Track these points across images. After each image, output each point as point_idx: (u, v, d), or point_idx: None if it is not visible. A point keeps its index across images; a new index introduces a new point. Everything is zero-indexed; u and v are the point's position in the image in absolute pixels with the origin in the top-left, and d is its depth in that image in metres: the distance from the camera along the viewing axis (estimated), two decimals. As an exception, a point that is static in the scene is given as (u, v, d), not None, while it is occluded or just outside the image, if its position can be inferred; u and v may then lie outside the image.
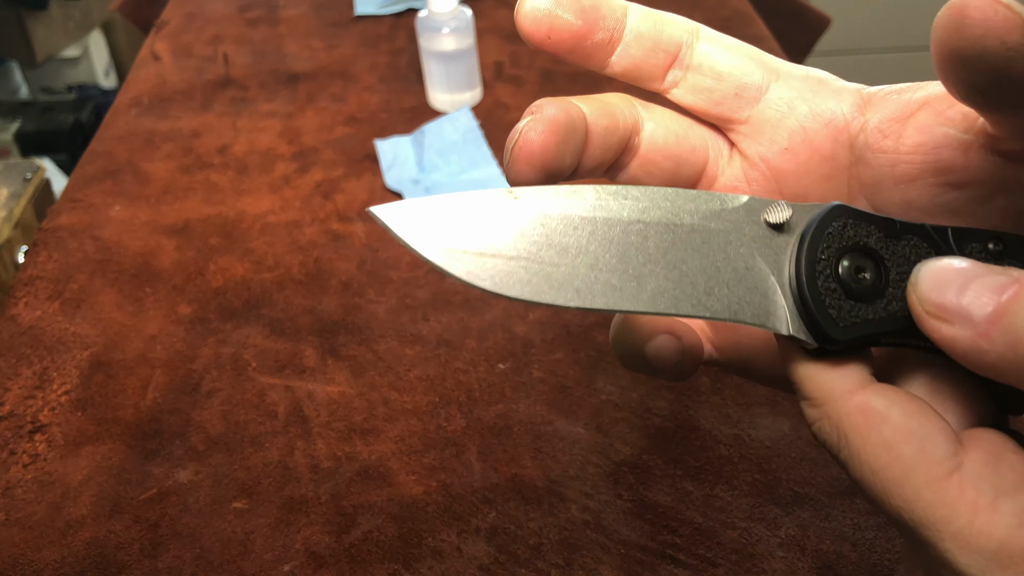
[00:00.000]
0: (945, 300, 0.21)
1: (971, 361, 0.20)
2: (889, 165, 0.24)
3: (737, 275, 0.23)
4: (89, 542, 0.46)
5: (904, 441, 0.21)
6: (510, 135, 0.25)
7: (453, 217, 0.23)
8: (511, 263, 0.23)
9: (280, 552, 0.46)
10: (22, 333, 0.60)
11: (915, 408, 0.22)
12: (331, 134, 0.80)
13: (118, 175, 0.75)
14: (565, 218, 0.23)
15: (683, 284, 0.23)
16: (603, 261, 0.23)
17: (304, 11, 1.02)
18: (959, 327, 0.20)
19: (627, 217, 0.23)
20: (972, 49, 0.19)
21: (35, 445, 0.52)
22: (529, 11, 0.25)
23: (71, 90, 2.14)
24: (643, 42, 0.25)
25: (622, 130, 0.26)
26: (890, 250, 0.23)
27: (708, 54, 0.26)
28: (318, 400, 0.54)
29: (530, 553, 0.45)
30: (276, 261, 0.65)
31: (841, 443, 0.23)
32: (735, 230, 0.24)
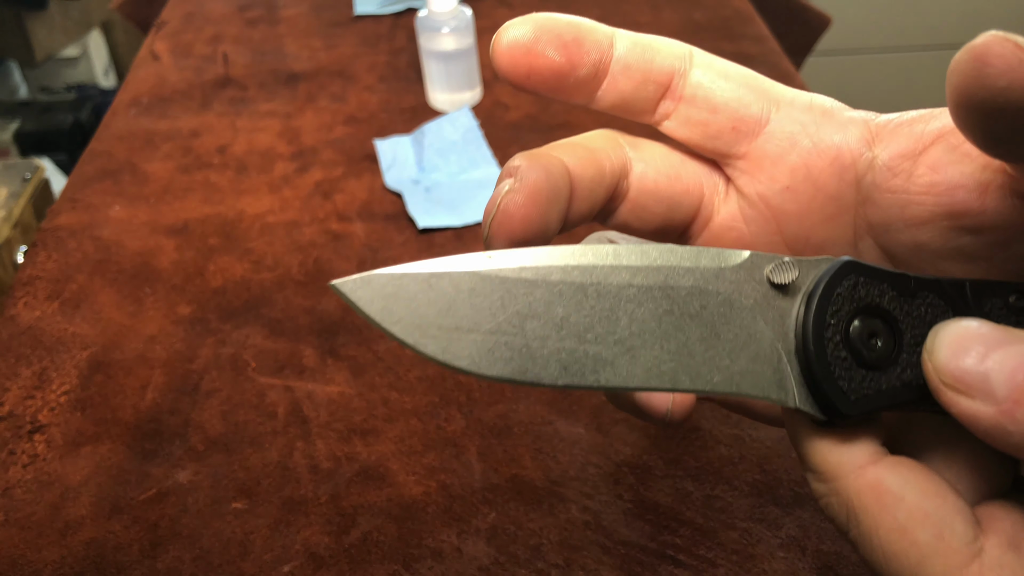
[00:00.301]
0: (964, 371, 0.19)
1: (993, 440, 0.19)
2: (899, 206, 0.22)
3: (739, 343, 0.21)
4: (88, 543, 0.46)
5: (920, 525, 0.20)
6: (489, 202, 0.22)
7: (424, 288, 0.20)
8: (491, 339, 0.20)
9: (280, 553, 0.46)
10: (21, 333, 0.60)
11: (931, 488, 0.20)
12: (331, 134, 0.79)
13: (117, 175, 0.75)
14: (550, 285, 0.21)
15: (681, 355, 0.21)
16: (592, 332, 0.21)
17: (304, 11, 1.02)
18: (980, 402, 0.18)
19: (618, 281, 0.21)
20: (994, 101, 0.17)
21: (34, 445, 0.52)
22: (506, 49, 0.23)
23: (70, 90, 2.13)
24: (632, 75, 0.23)
25: (609, 178, 0.24)
26: (904, 310, 0.21)
27: (702, 84, 0.23)
28: (318, 400, 0.54)
29: (530, 554, 0.45)
30: (275, 261, 0.65)
31: (851, 523, 0.21)
32: (736, 291, 0.21)
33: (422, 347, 0.20)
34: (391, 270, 0.20)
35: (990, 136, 0.18)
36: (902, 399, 0.21)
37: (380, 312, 0.20)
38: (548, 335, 0.20)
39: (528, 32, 0.22)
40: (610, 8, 1.00)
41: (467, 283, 0.20)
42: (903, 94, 1.85)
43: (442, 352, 0.20)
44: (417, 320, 0.20)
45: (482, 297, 0.20)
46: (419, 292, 0.20)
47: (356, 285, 0.20)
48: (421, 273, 0.20)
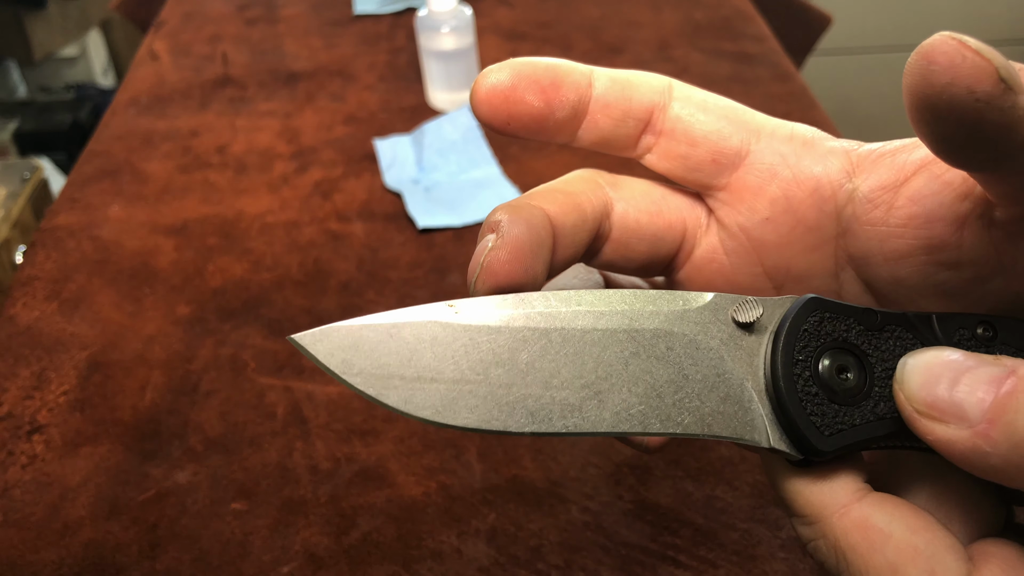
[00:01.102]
0: (936, 397, 0.19)
1: (971, 464, 0.18)
2: (878, 239, 0.22)
3: (708, 384, 0.21)
4: (87, 543, 0.46)
5: (911, 562, 0.19)
6: (473, 259, 0.22)
7: (385, 339, 0.20)
8: (455, 387, 0.20)
9: (279, 553, 0.45)
10: (20, 333, 0.60)
11: (919, 523, 0.20)
12: (330, 133, 0.79)
13: (116, 175, 0.75)
14: (514, 332, 0.20)
15: (649, 398, 0.21)
16: (559, 378, 0.20)
17: (303, 10, 1.02)
18: (955, 427, 0.18)
19: (582, 325, 0.21)
20: (939, 98, 0.17)
21: (33, 446, 0.52)
22: (485, 96, 0.23)
23: (69, 89, 2.13)
24: (611, 112, 0.23)
25: (591, 222, 0.24)
26: (872, 344, 0.21)
27: (681, 117, 0.23)
28: (317, 401, 0.54)
29: (530, 555, 0.45)
30: (275, 261, 0.65)
31: (840, 565, 0.20)
32: (701, 332, 0.21)
33: (384, 398, 0.20)
34: (351, 322, 0.20)
35: (942, 139, 0.18)
36: (877, 433, 0.21)
37: (340, 365, 0.20)
38: (513, 382, 0.20)
39: (506, 78, 0.23)
40: (610, 8, 1.00)
41: (429, 332, 0.20)
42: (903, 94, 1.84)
43: (404, 403, 0.20)
44: (378, 371, 0.20)
45: (444, 345, 0.20)
46: (380, 343, 0.20)
47: (315, 338, 0.20)
48: (382, 324, 0.20)
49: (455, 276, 0.63)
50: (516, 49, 0.92)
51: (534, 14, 0.99)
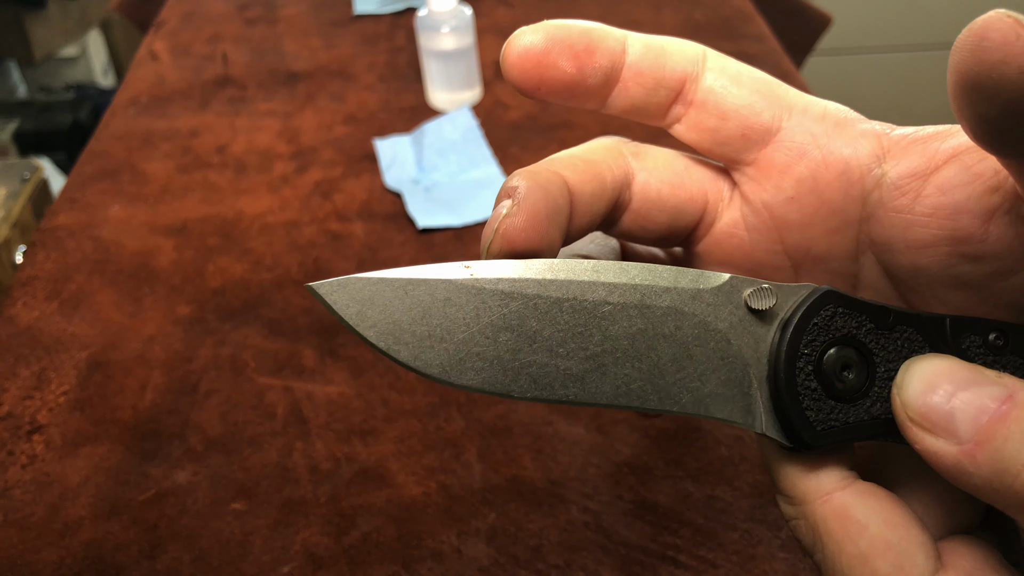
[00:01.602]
0: (931, 408, 0.19)
1: (954, 478, 0.19)
2: (902, 227, 0.22)
3: (711, 365, 0.21)
4: (87, 543, 0.46)
5: (881, 555, 0.20)
6: (488, 225, 0.22)
7: (400, 295, 0.20)
8: (463, 348, 0.20)
9: (279, 553, 0.45)
10: (20, 333, 0.60)
11: (896, 519, 0.20)
12: (330, 133, 0.79)
13: (116, 175, 0.75)
14: (526, 298, 0.21)
15: (651, 375, 0.21)
16: (565, 347, 0.21)
17: (303, 10, 1.02)
18: (944, 441, 0.18)
19: (594, 298, 0.21)
20: (988, 77, 0.17)
21: (33, 446, 0.52)
22: (517, 59, 0.22)
23: (69, 89, 2.13)
24: (643, 81, 0.23)
25: (611, 191, 0.23)
26: (880, 344, 0.21)
27: (713, 89, 0.23)
28: (317, 401, 0.54)
29: (530, 554, 0.45)
30: (275, 261, 0.65)
31: (816, 546, 0.21)
32: (712, 314, 0.21)
33: (394, 353, 0.20)
34: (368, 275, 0.20)
35: (984, 122, 0.18)
36: (869, 432, 0.21)
37: (355, 316, 0.20)
38: (520, 347, 0.20)
39: (539, 41, 0.22)
40: (610, 7, 1.00)
41: (443, 292, 0.20)
42: (903, 94, 1.85)
43: (414, 359, 0.20)
44: (391, 326, 0.20)
45: (457, 307, 0.20)
46: (395, 298, 0.20)
47: (332, 288, 0.20)
48: (398, 279, 0.20)
49: (455, 276, 0.63)
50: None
51: (534, 14, 0.99)
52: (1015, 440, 0.17)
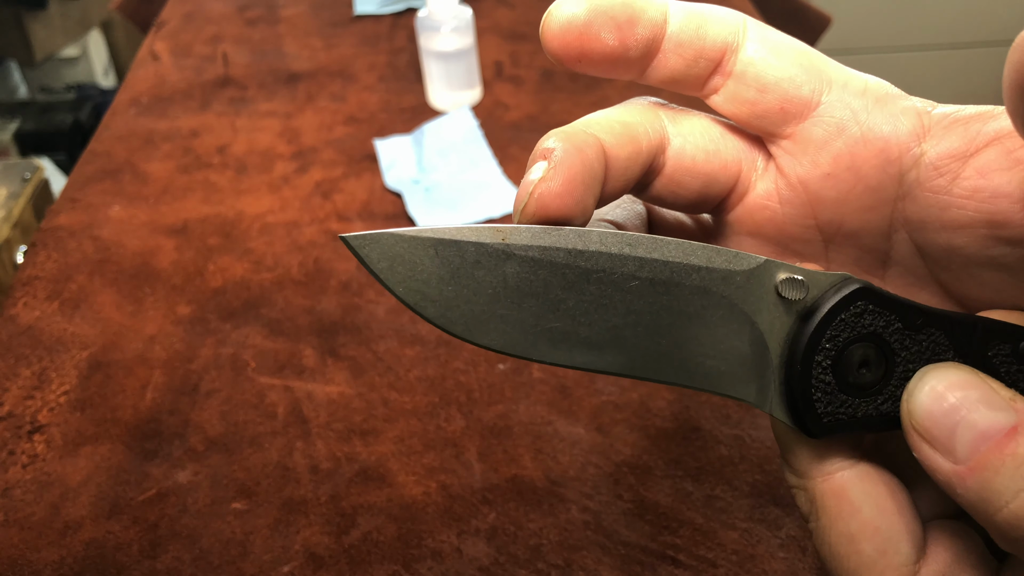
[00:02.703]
0: (935, 423, 0.19)
1: (943, 488, 0.19)
2: (939, 207, 0.21)
3: (731, 346, 0.21)
4: (88, 543, 0.46)
5: (868, 538, 0.21)
6: (522, 187, 0.21)
7: (431, 254, 0.21)
8: (488, 310, 0.21)
9: (279, 553, 0.45)
10: (21, 333, 0.60)
11: (889, 505, 0.21)
12: (330, 134, 0.79)
13: (117, 175, 0.75)
14: (555, 267, 0.21)
15: (670, 350, 0.21)
16: (587, 317, 0.21)
17: (303, 10, 1.02)
18: (941, 458, 0.19)
19: (623, 271, 0.21)
20: None
21: (34, 445, 0.52)
22: (559, 31, 0.22)
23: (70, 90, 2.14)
24: (684, 52, 0.22)
25: (645, 155, 0.23)
26: (905, 344, 0.21)
27: (753, 61, 0.22)
28: (317, 400, 0.54)
29: (530, 554, 0.45)
30: (275, 261, 0.65)
31: (812, 516, 0.22)
32: (741, 296, 0.21)
33: (421, 309, 0.21)
34: (401, 231, 0.21)
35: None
36: (876, 426, 0.21)
37: (386, 271, 0.21)
38: (543, 314, 0.21)
39: (581, 13, 0.22)
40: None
41: (473, 255, 0.21)
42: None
43: (440, 317, 0.21)
44: (420, 284, 0.21)
45: (486, 270, 0.21)
46: (425, 257, 0.20)
47: (366, 241, 0.21)
48: (430, 239, 0.20)
49: (455, 276, 0.63)
50: (516, 50, 0.92)
51: (534, 14, 0.99)
52: (1006, 474, 0.17)
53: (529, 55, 0.90)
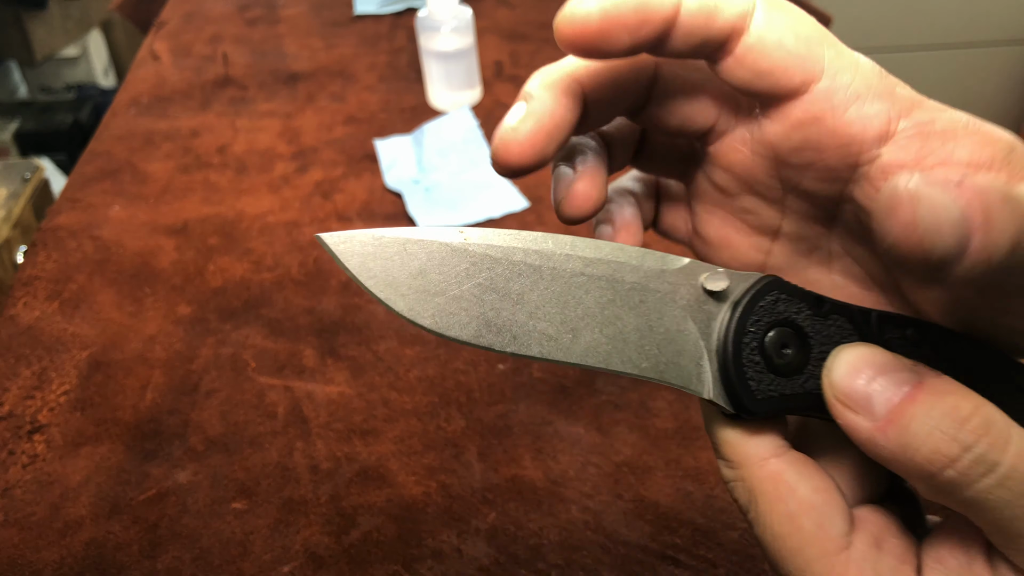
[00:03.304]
0: (853, 389, 0.22)
1: (867, 450, 0.22)
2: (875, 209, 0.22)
3: (669, 337, 0.24)
4: (88, 543, 0.46)
5: (806, 515, 0.23)
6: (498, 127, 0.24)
7: (400, 252, 0.23)
8: (453, 304, 0.23)
9: (279, 553, 0.45)
10: (21, 333, 0.60)
11: (821, 485, 0.24)
12: (330, 134, 0.79)
13: (117, 175, 0.75)
14: (511, 264, 0.23)
15: (616, 341, 0.24)
16: (542, 311, 0.23)
17: (303, 10, 1.02)
18: (861, 417, 0.21)
19: (571, 268, 0.23)
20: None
21: (34, 445, 0.52)
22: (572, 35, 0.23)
23: (70, 90, 2.14)
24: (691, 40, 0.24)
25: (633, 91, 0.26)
26: (816, 328, 0.24)
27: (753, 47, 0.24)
28: (317, 400, 0.54)
29: (530, 554, 0.45)
30: (275, 261, 0.65)
31: (751, 505, 0.24)
32: (672, 291, 0.24)
33: (391, 303, 0.23)
34: (372, 231, 0.23)
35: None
36: (802, 405, 0.24)
37: (358, 267, 0.23)
38: (503, 307, 0.23)
39: (594, 21, 0.23)
40: (610, 8, 1.00)
41: (438, 253, 0.23)
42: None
43: (408, 310, 0.23)
44: (390, 279, 0.23)
45: (450, 267, 0.23)
46: (395, 254, 0.23)
47: (340, 239, 0.23)
48: (398, 238, 0.23)
49: (455, 276, 0.63)
50: (516, 49, 0.92)
51: (534, 14, 0.99)
52: (919, 420, 0.20)
53: (529, 55, 0.90)
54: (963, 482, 0.20)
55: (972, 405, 0.21)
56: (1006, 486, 0.20)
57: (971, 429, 0.20)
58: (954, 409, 0.20)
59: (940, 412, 0.20)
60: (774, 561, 0.24)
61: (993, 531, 0.22)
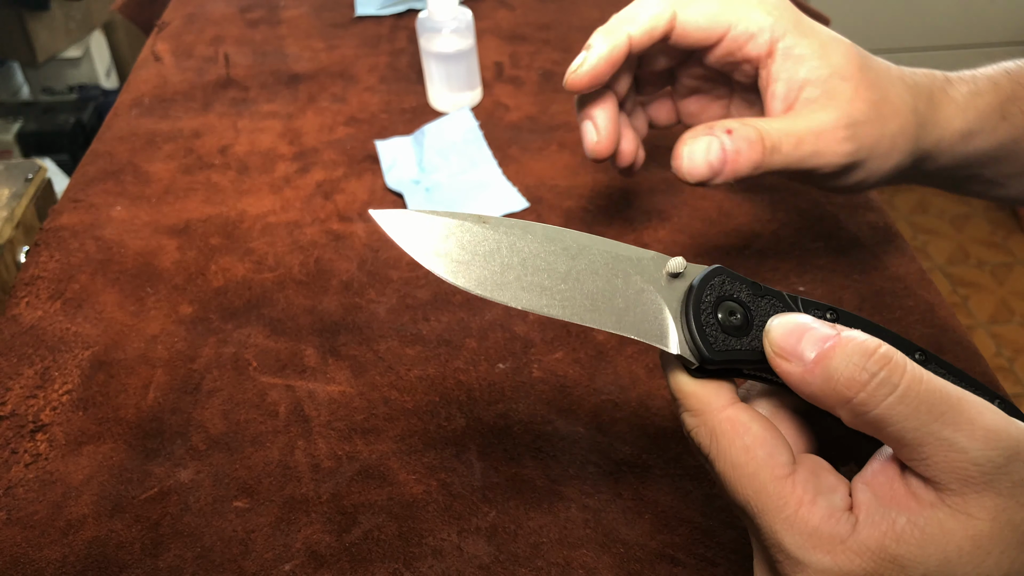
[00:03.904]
0: (787, 344, 0.29)
1: (800, 390, 0.29)
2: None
3: (644, 307, 0.31)
4: (90, 541, 0.47)
5: (759, 446, 0.30)
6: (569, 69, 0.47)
7: (440, 229, 0.30)
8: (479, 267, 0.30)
9: (281, 551, 0.46)
10: (23, 333, 0.60)
11: (769, 425, 0.30)
12: (332, 134, 0.80)
13: (119, 175, 0.76)
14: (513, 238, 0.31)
15: (606, 307, 0.31)
16: (539, 273, 0.31)
17: (305, 12, 1.03)
18: (794, 364, 0.29)
19: (571, 247, 0.32)
20: None
21: (36, 444, 0.52)
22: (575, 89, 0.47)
23: (72, 90, 2.14)
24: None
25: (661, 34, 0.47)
26: (755, 304, 0.31)
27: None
28: (319, 399, 0.54)
29: (530, 552, 0.45)
30: (277, 261, 0.65)
31: (712, 444, 0.31)
32: (645, 274, 0.32)
33: (430, 266, 0.30)
34: (417, 212, 0.30)
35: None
36: (749, 359, 0.31)
37: (405, 240, 0.30)
38: (507, 268, 0.31)
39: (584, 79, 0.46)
40: (610, 10, 1.00)
41: (470, 231, 0.31)
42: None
43: (445, 272, 0.30)
44: (430, 248, 0.30)
45: (479, 242, 0.31)
46: (435, 230, 0.30)
47: (390, 217, 0.30)
48: (438, 219, 0.31)
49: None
50: (516, 51, 0.92)
51: (534, 16, 0.99)
52: (837, 359, 0.27)
53: (529, 56, 0.90)
54: (872, 401, 0.27)
55: (876, 344, 0.27)
56: (904, 402, 0.26)
57: (875, 360, 0.27)
58: (863, 347, 0.27)
59: (852, 350, 0.27)
60: (732, 490, 0.30)
61: (899, 446, 0.27)
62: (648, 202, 0.69)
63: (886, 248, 0.64)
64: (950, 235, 2.13)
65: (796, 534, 0.28)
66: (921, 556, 0.26)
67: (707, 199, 0.69)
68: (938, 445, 0.26)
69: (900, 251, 0.63)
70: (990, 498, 0.26)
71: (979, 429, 0.26)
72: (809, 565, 0.27)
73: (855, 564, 0.27)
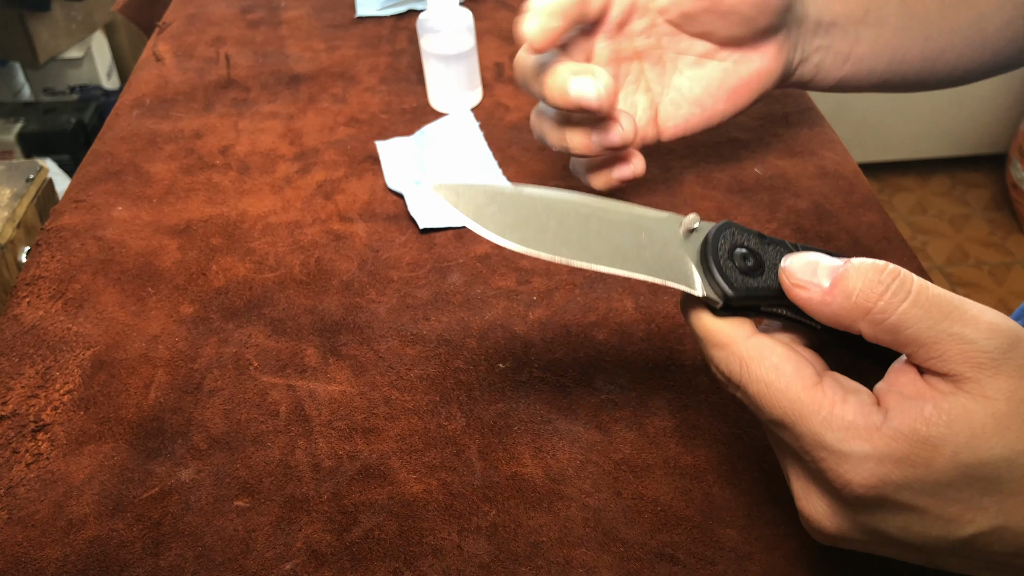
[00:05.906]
0: (804, 276, 0.33)
1: (819, 312, 0.33)
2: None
3: (669, 257, 0.36)
4: (91, 541, 0.47)
5: (786, 362, 0.33)
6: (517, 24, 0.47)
7: (489, 196, 0.35)
8: (522, 226, 0.35)
9: (282, 550, 0.46)
10: (25, 332, 0.60)
11: (792, 347, 0.34)
12: (332, 135, 0.80)
13: (120, 176, 0.76)
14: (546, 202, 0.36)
15: (637, 258, 0.35)
16: (570, 231, 0.35)
17: (305, 13, 1.03)
18: (812, 292, 0.33)
19: (597, 209, 0.36)
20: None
21: (37, 444, 0.52)
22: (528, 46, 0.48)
23: (73, 91, 2.14)
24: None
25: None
26: (764, 250, 0.35)
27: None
28: (319, 399, 0.54)
29: (530, 551, 0.45)
30: (278, 261, 0.65)
31: (742, 370, 0.34)
32: (665, 230, 0.37)
33: (479, 229, 0.35)
34: (473, 184, 0.35)
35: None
36: (766, 295, 0.34)
37: (462, 206, 0.35)
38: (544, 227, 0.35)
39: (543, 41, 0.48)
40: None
41: (512, 197, 0.36)
42: (902, 94, 1.85)
43: (492, 233, 0.34)
44: (481, 213, 0.35)
45: (521, 207, 0.35)
46: (486, 198, 0.35)
47: (449, 189, 0.35)
48: (489, 188, 0.36)
49: (456, 276, 0.63)
50: (516, 51, 0.92)
51: (535, 16, 0.99)
52: (853, 278, 0.31)
53: (530, 56, 0.91)
54: (890, 308, 0.30)
55: (884, 262, 0.31)
56: (917, 305, 0.30)
57: (888, 273, 0.31)
58: (874, 265, 0.31)
59: (865, 268, 0.31)
60: (769, 407, 0.32)
61: (916, 346, 0.31)
62: (647, 203, 0.69)
63: (886, 248, 0.64)
64: (949, 235, 2.14)
65: (835, 430, 0.31)
66: (949, 435, 0.29)
67: (707, 199, 0.69)
68: (950, 340, 0.30)
69: (900, 251, 0.63)
70: (1003, 380, 0.29)
71: (983, 323, 0.30)
72: (852, 454, 0.30)
73: (891, 448, 0.30)
